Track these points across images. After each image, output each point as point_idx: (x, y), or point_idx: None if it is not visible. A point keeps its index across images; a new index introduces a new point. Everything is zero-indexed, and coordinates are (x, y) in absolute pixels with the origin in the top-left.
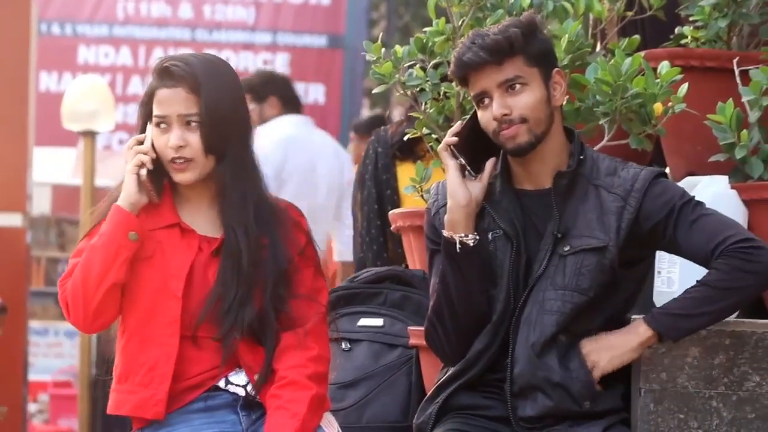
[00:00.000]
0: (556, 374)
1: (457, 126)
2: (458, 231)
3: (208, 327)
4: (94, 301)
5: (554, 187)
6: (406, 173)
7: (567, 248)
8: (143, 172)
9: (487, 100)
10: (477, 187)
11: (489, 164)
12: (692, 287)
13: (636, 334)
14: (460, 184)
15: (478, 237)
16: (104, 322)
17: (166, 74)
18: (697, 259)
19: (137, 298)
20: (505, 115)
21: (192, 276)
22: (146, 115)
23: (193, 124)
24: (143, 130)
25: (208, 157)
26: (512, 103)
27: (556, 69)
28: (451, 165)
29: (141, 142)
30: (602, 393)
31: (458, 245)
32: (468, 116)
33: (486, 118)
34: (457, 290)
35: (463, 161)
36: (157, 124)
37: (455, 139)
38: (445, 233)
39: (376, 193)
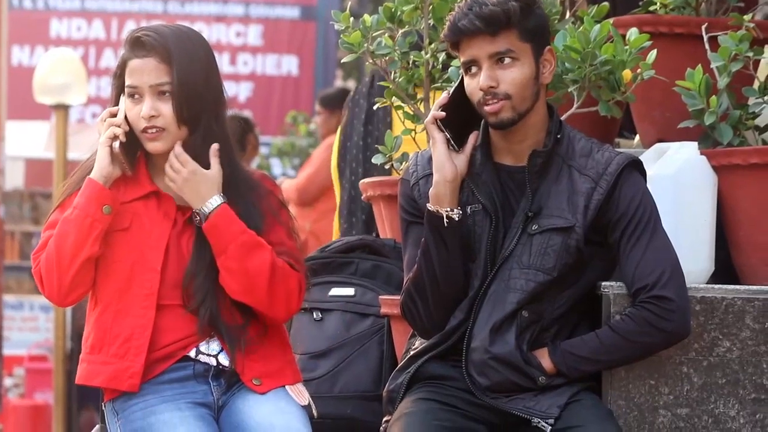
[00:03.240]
0: (510, 352)
1: (443, 98)
2: (444, 205)
3: (181, 296)
4: (69, 274)
5: (529, 165)
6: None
7: (535, 227)
8: (116, 144)
9: (475, 69)
10: (461, 160)
11: (472, 137)
12: (602, 331)
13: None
14: (448, 158)
15: (461, 211)
16: (79, 295)
17: (137, 44)
18: (624, 282)
19: (113, 270)
20: (491, 87)
21: (168, 247)
22: (119, 87)
23: (166, 94)
24: (116, 102)
25: (180, 127)
26: (500, 77)
27: (549, 47)
28: (439, 138)
29: (114, 115)
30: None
31: (445, 220)
32: (452, 88)
33: (472, 86)
34: (440, 264)
35: (449, 135)
36: (130, 95)
37: (443, 113)
38: (431, 207)
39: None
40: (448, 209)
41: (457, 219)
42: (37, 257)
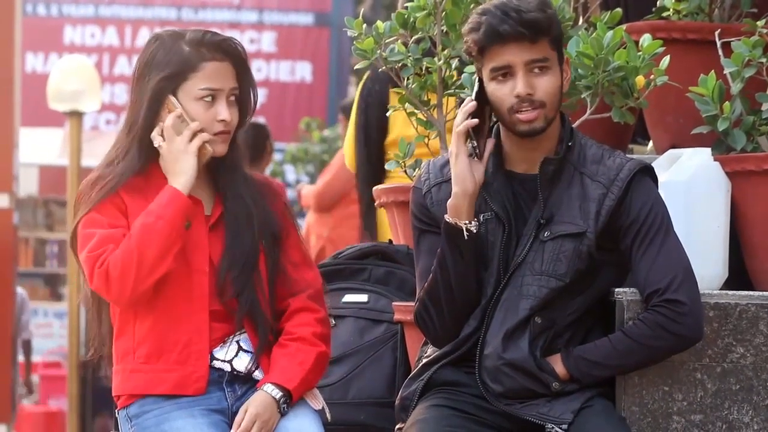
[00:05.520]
0: (523, 358)
1: (471, 106)
2: (462, 218)
3: (217, 291)
4: (147, 283)
5: (541, 173)
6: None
7: (547, 234)
8: (211, 150)
9: (507, 75)
10: (480, 170)
11: (489, 145)
12: (615, 335)
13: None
14: (470, 170)
15: (478, 222)
16: (143, 301)
17: (215, 48)
18: (636, 288)
19: (165, 278)
20: (530, 94)
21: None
22: (169, 89)
23: (232, 98)
24: (157, 102)
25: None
26: (536, 84)
27: (566, 56)
28: (463, 150)
29: (179, 117)
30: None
31: (465, 233)
32: (473, 94)
33: (502, 92)
34: (456, 274)
35: (475, 143)
36: (204, 97)
37: (476, 120)
38: (450, 219)
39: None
40: (467, 222)
41: (474, 231)
42: (97, 257)
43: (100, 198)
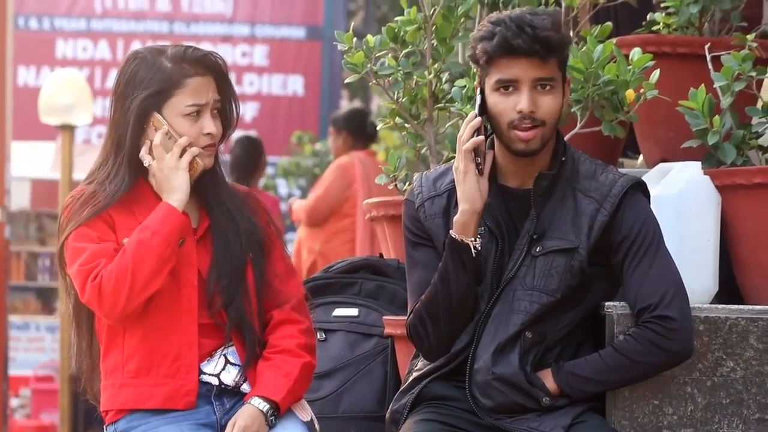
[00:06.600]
0: (513, 372)
1: (476, 121)
2: (469, 235)
3: (206, 304)
4: (139, 299)
5: (534, 188)
6: None
7: (539, 249)
8: (202, 164)
9: (511, 89)
10: (485, 186)
11: (489, 160)
12: (606, 351)
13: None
14: (478, 188)
15: (480, 239)
16: (134, 316)
17: (198, 63)
18: (627, 303)
19: (156, 292)
20: (532, 112)
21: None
22: (154, 107)
23: (215, 111)
24: (142, 121)
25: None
26: (539, 102)
27: (568, 78)
28: (472, 168)
29: (167, 134)
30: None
31: (473, 250)
32: (476, 108)
33: (505, 106)
34: (458, 289)
35: (479, 160)
36: (189, 113)
37: (483, 138)
38: (456, 236)
39: None
40: (472, 239)
41: (479, 248)
42: (89, 270)
43: (91, 215)
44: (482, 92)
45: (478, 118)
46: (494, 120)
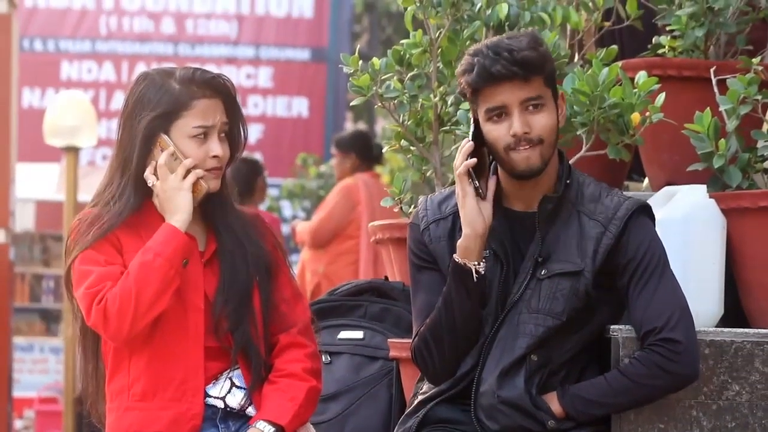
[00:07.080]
0: (519, 395)
1: (469, 146)
2: (472, 259)
3: (213, 328)
4: (144, 321)
5: (539, 211)
6: None
7: (544, 272)
8: (206, 187)
9: (503, 115)
10: (488, 210)
11: (492, 184)
12: (611, 374)
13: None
14: (479, 212)
15: (485, 263)
16: (140, 337)
17: (206, 85)
18: (633, 326)
19: (161, 315)
20: (526, 133)
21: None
22: (161, 128)
23: (223, 134)
24: (149, 141)
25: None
26: (532, 122)
27: (561, 92)
28: (470, 191)
29: (172, 155)
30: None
31: (475, 275)
32: (469, 136)
33: (498, 132)
34: (462, 313)
35: (478, 183)
36: (196, 135)
37: (474, 160)
38: (459, 260)
39: None
40: (476, 263)
41: (483, 272)
42: (95, 293)
43: (97, 237)
44: (476, 122)
45: (471, 143)
46: (492, 148)
